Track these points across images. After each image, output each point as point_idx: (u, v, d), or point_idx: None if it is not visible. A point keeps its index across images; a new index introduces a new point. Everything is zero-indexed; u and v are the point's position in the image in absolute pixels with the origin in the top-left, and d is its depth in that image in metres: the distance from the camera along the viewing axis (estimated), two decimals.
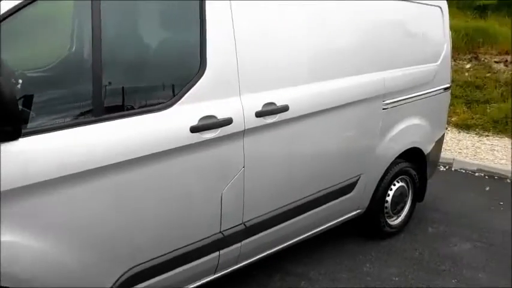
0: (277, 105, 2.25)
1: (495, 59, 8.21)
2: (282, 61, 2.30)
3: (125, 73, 1.87)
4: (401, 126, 3.16)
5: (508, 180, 4.99)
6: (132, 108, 1.83)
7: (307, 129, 2.47)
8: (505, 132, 6.74)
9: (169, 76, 1.96)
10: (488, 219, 3.90)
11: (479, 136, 6.68)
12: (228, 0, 2.04)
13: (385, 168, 3.15)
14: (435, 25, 3.45)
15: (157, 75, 1.93)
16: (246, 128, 2.13)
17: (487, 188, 4.72)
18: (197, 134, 1.95)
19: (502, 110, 7.05)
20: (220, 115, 2.02)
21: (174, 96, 1.91)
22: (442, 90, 3.58)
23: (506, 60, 7.98)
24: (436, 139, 3.68)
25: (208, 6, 1.97)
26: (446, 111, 3.89)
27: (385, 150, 3.08)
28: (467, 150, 6.01)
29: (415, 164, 3.48)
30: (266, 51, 2.22)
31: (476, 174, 5.21)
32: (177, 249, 2.07)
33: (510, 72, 7.83)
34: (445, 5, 3.51)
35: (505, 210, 4.12)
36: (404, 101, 3.10)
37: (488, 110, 7.28)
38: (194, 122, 1.94)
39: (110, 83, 1.76)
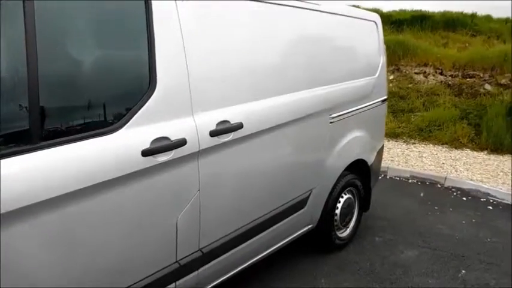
0: (232, 123, 2.14)
1: (415, 71, 8.77)
2: (233, 77, 2.20)
3: (66, 93, 1.66)
4: (347, 138, 3.19)
5: (439, 185, 5.28)
6: (76, 132, 1.62)
7: (262, 146, 2.39)
8: (429, 139, 7.18)
9: (117, 96, 1.78)
10: (428, 224, 4.06)
11: (407, 144, 7.04)
12: (176, 14, 1.91)
13: (335, 181, 3.15)
14: (371, 39, 3.56)
15: (103, 95, 1.73)
16: (200, 148, 1.99)
17: (422, 194, 4.94)
18: (150, 157, 1.79)
19: (425, 119, 7.52)
20: (174, 136, 1.87)
21: (123, 117, 1.73)
22: (380, 103, 3.69)
23: (425, 72, 8.55)
24: (377, 149, 3.77)
25: (156, 21, 1.82)
26: (384, 123, 4.02)
27: (334, 163, 3.08)
28: (398, 158, 6.29)
29: (360, 175, 3.53)
30: (217, 67, 2.11)
31: (410, 181, 5.45)
32: (129, 286, 1.87)
33: (429, 83, 8.39)
34: (379, 20, 3.64)
35: (441, 214, 4.32)
36: (348, 114, 3.14)
37: (412, 119, 7.72)
38: (146, 145, 1.77)
39: (48, 104, 1.55)
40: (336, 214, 3.32)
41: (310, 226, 3.10)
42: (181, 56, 1.92)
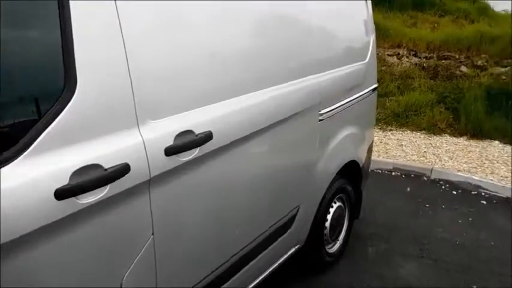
0: (196, 133, 1.51)
1: (388, 52, 8.33)
2: (195, 70, 1.57)
3: None
4: (338, 138, 2.62)
5: (425, 178, 4.85)
6: None
7: (238, 161, 1.78)
8: (406, 125, 6.78)
9: (8, 106, 1.11)
10: (422, 226, 3.60)
11: (384, 131, 6.61)
12: None
13: (325, 190, 2.58)
14: (360, 17, 2.98)
15: None
16: (152, 175, 1.36)
17: (408, 189, 4.49)
18: (70, 199, 1.14)
19: (401, 104, 7.10)
20: (108, 162, 1.23)
21: (20, 140, 1.08)
22: (371, 92, 3.14)
23: (399, 53, 8.12)
24: (368, 146, 3.24)
25: None
26: (375, 115, 3.49)
27: (324, 170, 2.51)
28: (377, 147, 5.82)
29: (351, 177, 2.98)
30: (173, 56, 1.47)
31: (393, 173, 4.99)
32: None
33: (403, 66, 7.97)
34: None
35: (434, 214, 3.87)
36: (340, 108, 2.56)
37: (388, 104, 7.29)
38: (62, 181, 1.13)
39: None
40: (326, 228, 2.77)
41: (297, 247, 2.53)
42: (116, 39, 1.27)
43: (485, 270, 2.96)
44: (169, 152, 1.40)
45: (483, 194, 4.37)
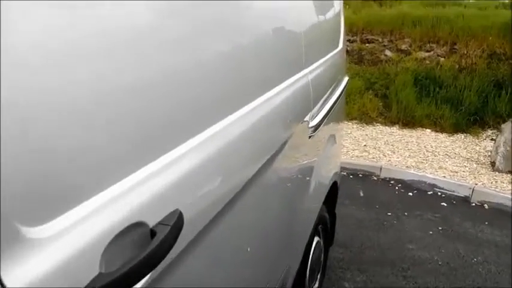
0: (151, 225, 0.65)
1: None
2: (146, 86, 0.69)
3: None
4: (323, 158, 1.88)
5: (374, 177, 4.36)
6: None
7: (218, 244, 0.94)
8: None
9: None
10: (393, 243, 3.06)
11: None
12: None
13: (310, 232, 1.84)
14: None
15: None
16: None
17: (361, 193, 3.95)
18: None
19: None
20: None
21: None
22: (344, 86, 2.44)
23: None
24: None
25: None
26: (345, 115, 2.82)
27: (311, 207, 1.76)
28: None
29: (326, 201, 2.27)
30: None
31: None
32: None
33: None
34: None
35: (399, 224, 3.36)
36: (327, 116, 1.81)
37: None
38: None
39: None
40: (306, 275, 2.03)
41: None
42: None
43: None
44: None
45: (439, 193, 3.98)
